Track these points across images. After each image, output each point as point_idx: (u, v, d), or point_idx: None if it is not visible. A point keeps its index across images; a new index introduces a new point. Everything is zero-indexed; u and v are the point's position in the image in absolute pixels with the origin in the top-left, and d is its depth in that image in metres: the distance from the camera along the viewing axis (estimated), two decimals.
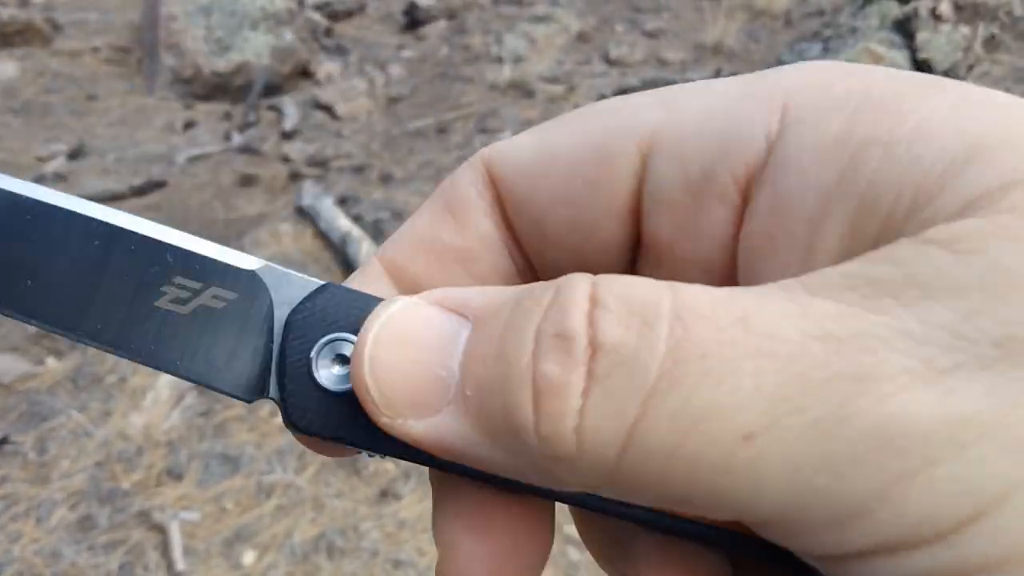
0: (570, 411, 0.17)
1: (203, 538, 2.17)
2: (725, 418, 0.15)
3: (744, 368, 0.15)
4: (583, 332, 0.17)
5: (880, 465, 0.15)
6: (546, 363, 0.17)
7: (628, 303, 0.17)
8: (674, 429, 0.16)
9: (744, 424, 0.15)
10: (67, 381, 2.63)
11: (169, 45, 4.96)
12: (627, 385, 0.16)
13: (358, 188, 3.80)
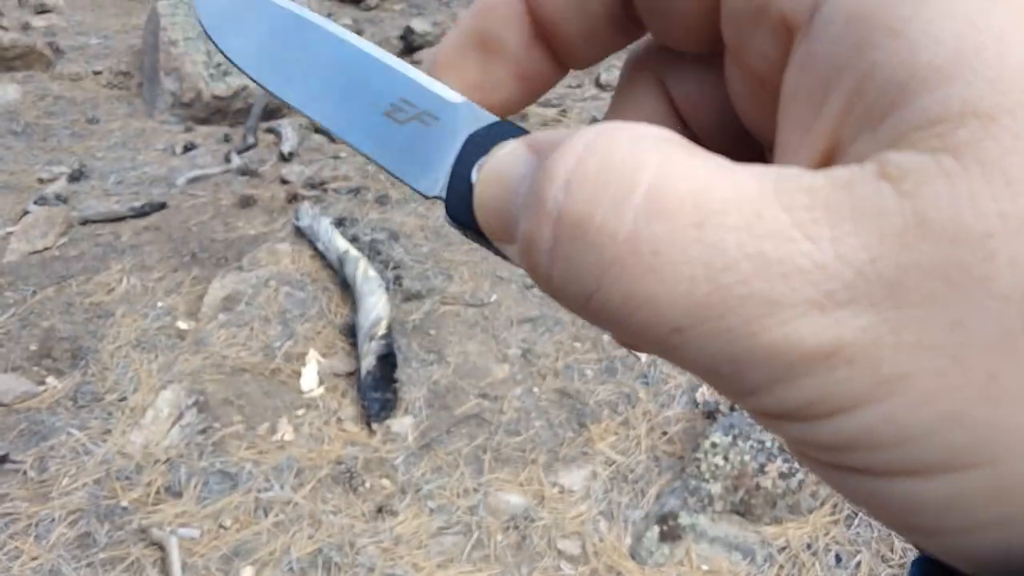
0: (542, 264, 0.20)
1: (202, 555, 2.18)
2: (661, 311, 0.18)
3: (683, 272, 0.17)
4: (553, 199, 0.19)
5: (767, 371, 0.18)
6: (524, 221, 0.20)
7: (607, 175, 0.18)
8: (623, 306, 0.18)
9: (675, 319, 0.18)
10: (67, 400, 2.65)
11: (169, 69, 5.01)
12: (586, 259, 0.18)
13: (355, 209, 3.83)
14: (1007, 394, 0.16)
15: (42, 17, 6.26)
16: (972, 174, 0.16)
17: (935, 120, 0.16)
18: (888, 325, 0.16)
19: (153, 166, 4.35)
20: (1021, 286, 0.15)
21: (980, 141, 0.16)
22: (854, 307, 0.17)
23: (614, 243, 0.18)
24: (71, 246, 3.51)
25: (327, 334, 3.02)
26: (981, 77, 0.16)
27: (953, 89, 0.16)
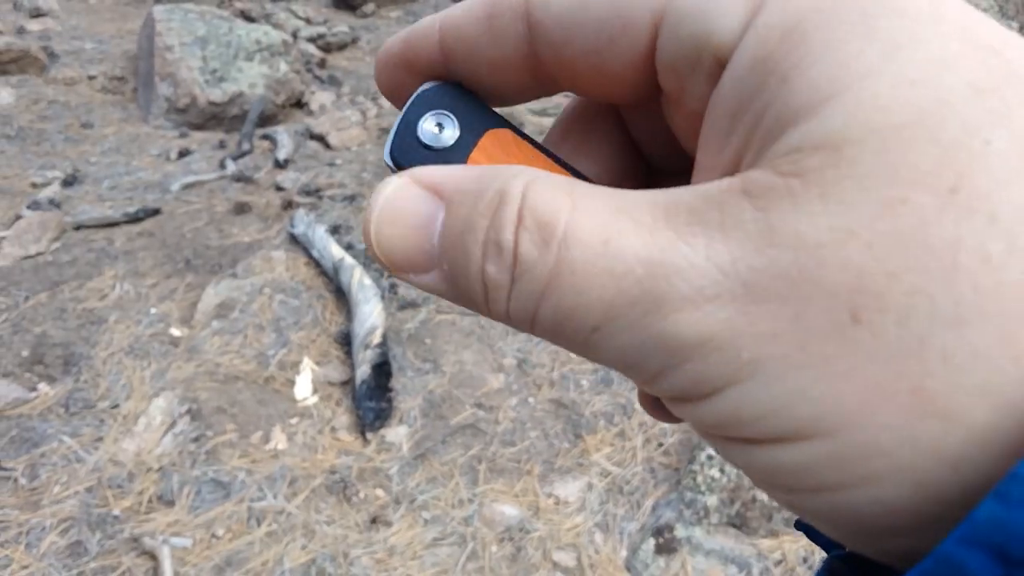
0: (502, 300, 0.24)
1: (194, 564, 2.17)
2: (581, 316, 0.22)
3: (595, 282, 0.22)
4: (510, 245, 0.23)
5: (660, 359, 0.21)
6: (489, 265, 0.24)
7: (537, 222, 0.23)
8: (555, 319, 0.23)
9: (592, 320, 0.22)
10: (59, 407, 2.63)
11: (165, 75, 5.00)
12: (529, 288, 0.23)
13: (350, 217, 3.83)
14: (839, 374, 0.19)
15: (37, 21, 6.24)
16: (811, 195, 0.19)
17: (795, 149, 0.20)
18: (746, 317, 0.20)
19: (147, 172, 4.33)
20: (846, 285, 0.19)
21: (824, 168, 0.19)
22: (719, 302, 0.20)
23: (546, 273, 0.22)
24: (64, 251, 3.49)
25: (321, 342, 3.01)
26: (839, 112, 0.19)
27: (814, 124, 0.20)
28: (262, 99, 5.06)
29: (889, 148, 0.19)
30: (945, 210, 0.18)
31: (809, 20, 0.21)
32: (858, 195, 0.19)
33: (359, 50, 6.72)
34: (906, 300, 0.18)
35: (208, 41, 5.17)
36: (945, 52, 0.19)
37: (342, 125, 4.94)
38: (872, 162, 0.19)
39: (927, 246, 0.18)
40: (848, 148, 0.19)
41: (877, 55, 0.20)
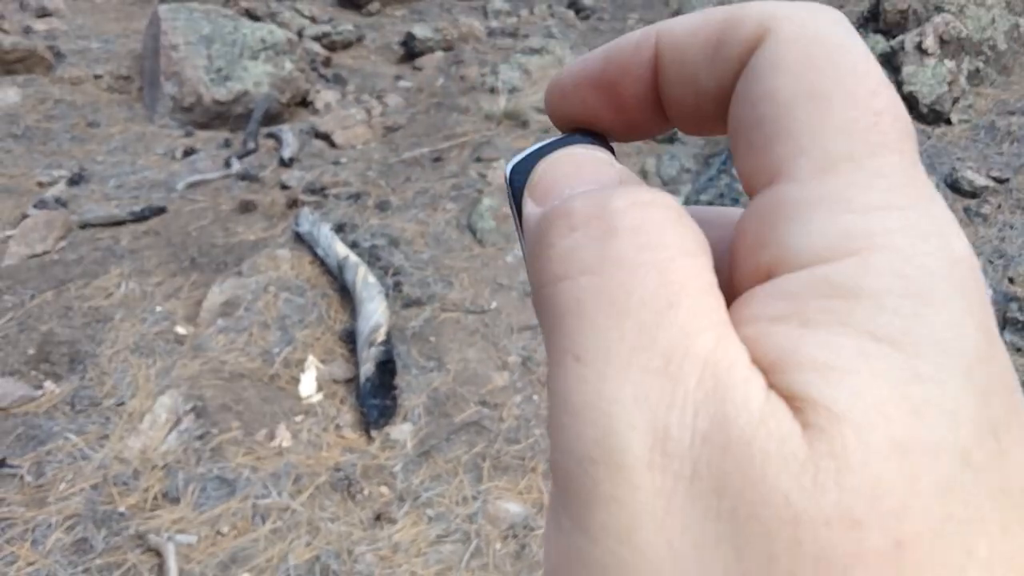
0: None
1: (199, 561, 2.18)
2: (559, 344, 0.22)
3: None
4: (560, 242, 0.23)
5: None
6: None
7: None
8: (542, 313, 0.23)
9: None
10: (64, 405, 2.64)
11: (170, 74, 5.01)
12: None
13: (355, 215, 3.83)
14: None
15: (43, 21, 6.26)
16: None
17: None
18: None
19: (153, 170, 4.35)
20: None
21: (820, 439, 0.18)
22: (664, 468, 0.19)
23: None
24: (70, 250, 3.50)
25: (326, 340, 3.01)
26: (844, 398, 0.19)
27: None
28: (267, 98, 5.07)
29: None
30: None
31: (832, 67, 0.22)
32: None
33: (364, 48, 6.73)
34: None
35: (213, 40, 5.18)
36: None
37: (347, 123, 4.95)
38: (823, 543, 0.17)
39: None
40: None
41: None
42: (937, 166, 3.51)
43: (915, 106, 3.90)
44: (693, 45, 0.25)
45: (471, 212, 3.84)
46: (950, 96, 3.86)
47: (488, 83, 5.51)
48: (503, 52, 6.26)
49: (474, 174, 4.23)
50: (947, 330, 0.19)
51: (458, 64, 6.10)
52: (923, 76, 3.90)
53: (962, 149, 3.65)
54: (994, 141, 3.68)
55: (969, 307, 0.19)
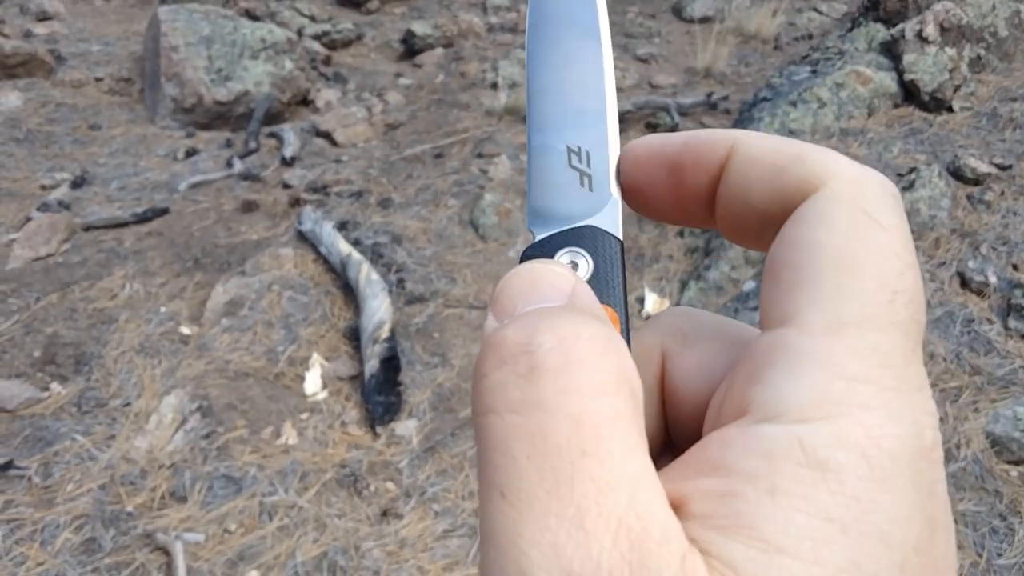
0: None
1: (207, 559, 2.18)
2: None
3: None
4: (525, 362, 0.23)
5: None
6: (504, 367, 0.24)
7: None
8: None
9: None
10: (71, 406, 2.65)
11: (171, 75, 5.02)
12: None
13: (357, 213, 3.84)
14: None
15: (43, 24, 6.27)
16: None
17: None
18: None
19: (155, 172, 4.36)
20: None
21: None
22: None
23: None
24: (74, 252, 3.51)
25: (330, 338, 3.02)
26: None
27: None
28: (268, 97, 5.07)
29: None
30: None
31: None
32: None
33: (364, 47, 6.72)
34: None
35: (213, 40, 5.19)
36: None
37: (348, 122, 4.95)
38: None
39: None
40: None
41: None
42: (939, 154, 3.50)
43: (916, 94, 3.89)
44: (760, 164, 0.27)
45: (473, 208, 3.84)
46: (951, 84, 3.85)
47: (488, 79, 5.51)
48: (503, 48, 6.26)
49: (475, 170, 4.23)
50: (894, 523, 0.20)
51: (458, 60, 6.10)
52: (924, 64, 3.89)
53: (964, 136, 3.64)
54: (996, 128, 3.66)
55: (920, 500, 0.21)
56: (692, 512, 0.22)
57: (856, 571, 0.20)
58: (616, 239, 0.31)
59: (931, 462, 0.22)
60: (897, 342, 0.22)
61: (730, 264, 3.22)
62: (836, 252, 0.23)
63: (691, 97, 5.26)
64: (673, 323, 0.31)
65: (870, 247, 0.23)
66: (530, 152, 0.33)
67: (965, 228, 3.08)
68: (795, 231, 0.25)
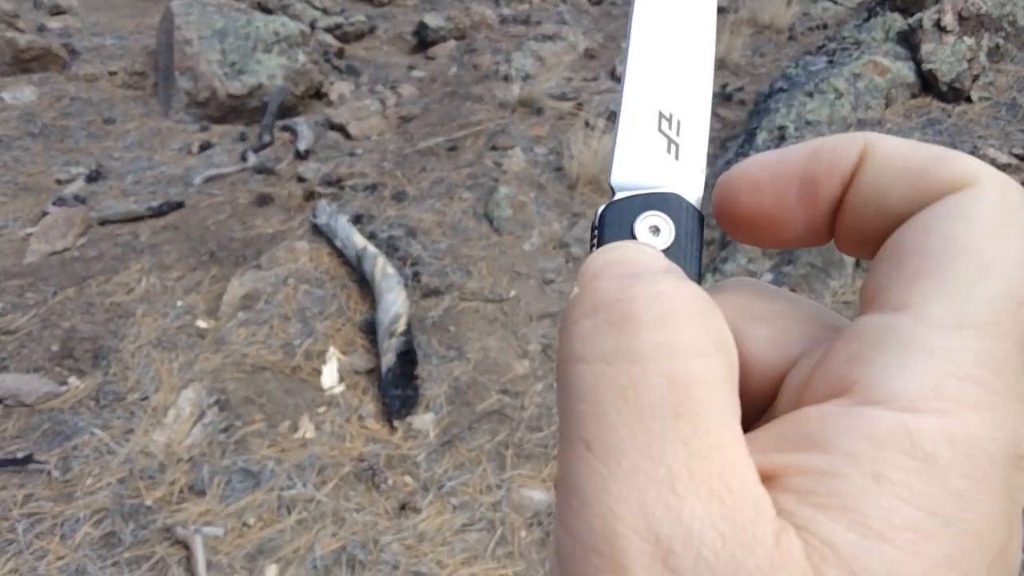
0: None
1: (226, 553, 2.19)
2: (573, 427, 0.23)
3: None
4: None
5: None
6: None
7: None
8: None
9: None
10: (89, 400, 2.66)
11: (184, 69, 5.02)
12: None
13: (372, 206, 3.83)
14: None
15: (57, 19, 6.29)
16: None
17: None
18: None
19: (170, 166, 4.37)
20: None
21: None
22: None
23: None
24: (90, 246, 3.52)
25: (346, 331, 3.02)
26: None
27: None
28: (281, 90, 5.07)
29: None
30: None
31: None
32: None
33: (376, 39, 6.72)
34: None
35: (226, 34, 5.19)
36: None
37: (361, 114, 4.94)
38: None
39: None
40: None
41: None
42: (958, 144, 3.46)
43: (934, 84, 3.85)
44: (900, 164, 0.26)
45: (487, 201, 3.83)
46: (970, 73, 3.81)
47: (501, 71, 5.49)
48: (516, 39, 6.23)
49: (489, 163, 4.22)
50: (988, 525, 0.20)
51: (471, 53, 6.09)
52: (942, 54, 3.85)
53: (983, 127, 3.61)
54: (1015, 118, 3.63)
55: (1009, 506, 0.21)
56: (788, 486, 0.21)
57: (951, 568, 0.20)
58: (698, 211, 0.30)
59: (1021, 469, 0.22)
60: (1013, 351, 0.22)
61: (747, 256, 3.20)
62: (972, 249, 0.23)
63: None
64: (741, 294, 0.30)
65: (1007, 252, 0.23)
66: (620, 111, 0.32)
67: None
68: (932, 220, 0.24)
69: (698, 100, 0.32)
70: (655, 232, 0.29)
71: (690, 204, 0.30)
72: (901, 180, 0.26)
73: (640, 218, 0.29)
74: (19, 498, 2.31)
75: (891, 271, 0.24)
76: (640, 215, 0.30)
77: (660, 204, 0.30)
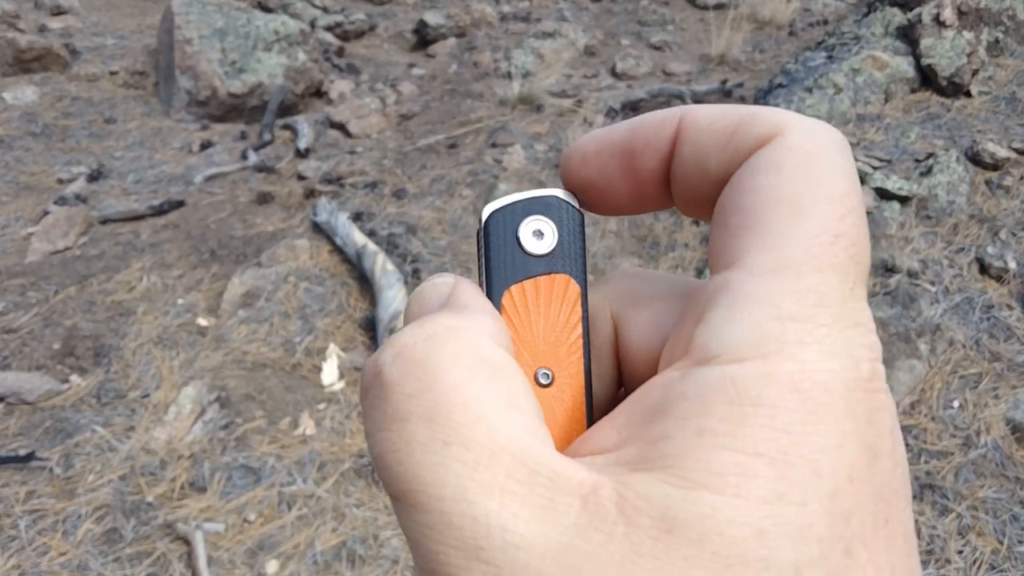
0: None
1: (227, 548, 2.20)
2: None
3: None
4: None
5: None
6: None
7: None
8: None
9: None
10: (91, 397, 2.67)
11: (185, 68, 5.03)
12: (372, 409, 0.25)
13: (372, 204, 3.84)
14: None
15: (58, 19, 6.30)
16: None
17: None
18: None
19: (171, 164, 4.37)
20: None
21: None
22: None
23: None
24: (91, 245, 3.53)
25: (347, 328, 3.03)
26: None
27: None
28: (281, 89, 5.08)
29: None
30: None
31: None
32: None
33: (377, 37, 6.72)
34: None
35: (227, 33, 5.20)
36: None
37: (362, 113, 4.95)
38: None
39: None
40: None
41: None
42: (957, 139, 3.46)
43: (934, 79, 3.85)
44: (712, 130, 0.27)
45: (487, 198, 3.83)
46: (969, 68, 3.81)
47: (502, 68, 5.49)
48: (516, 37, 6.23)
49: (489, 160, 4.22)
50: (824, 452, 0.21)
51: (471, 50, 6.09)
52: (941, 48, 3.85)
53: (982, 121, 3.61)
54: (1015, 112, 3.62)
55: (856, 429, 0.21)
56: (627, 458, 0.22)
57: (780, 502, 0.20)
58: (578, 211, 0.31)
59: (869, 392, 0.22)
60: (835, 283, 0.23)
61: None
62: (781, 195, 0.24)
63: (706, 84, 5.23)
64: (623, 285, 0.31)
65: (815, 191, 0.24)
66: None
67: (984, 213, 3.05)
68: (744, 177, 0.25)
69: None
70: (539, 236, 0.31)
71: (570, 205, 0.31)
72: (715, 144, 0.27)
73: (523, 223, 0.31)
74: (21, 495, 2.32)
75: (719, 231, 0.25)
76: (523, 220, 0.31)
77: (542, 208, 0.31)
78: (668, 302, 0.30)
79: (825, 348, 0.22)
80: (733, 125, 0.27)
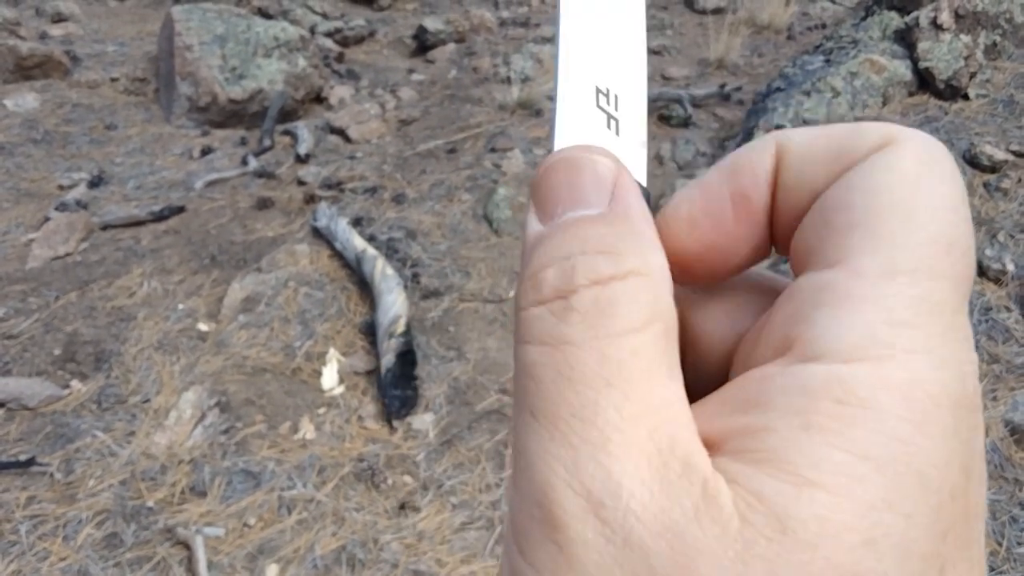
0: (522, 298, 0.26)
1: (227, 553, 2.20)
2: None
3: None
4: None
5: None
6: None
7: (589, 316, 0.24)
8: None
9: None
10: (91, 403, 2.68)
11: (185, 74, 5.05)
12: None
13: (372, 209, 3.85)
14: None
15: (59, 26, 6.32)
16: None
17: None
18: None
19: (171, 170, 4.39)
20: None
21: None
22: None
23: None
24: (92, 251, 3.54)
25: (346, 333, 3.03)
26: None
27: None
28: (281, 95, 5.09)
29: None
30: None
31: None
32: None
33: (376, 43, 6.74)
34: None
35: (227, 39, 5.21)
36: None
37: (361, 118, 4.96)
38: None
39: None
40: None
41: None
42: (955, 142, 3.47)
43: (931, 82, 3.86)
44: (815, 150, 0.26)
45: (487, 202, 3.84)
46: (967, 71, 3.82)
47: (501, 73, 5.51)
48: (515, 42, 6.25)
49: (489, 164, 4.23)
50: (933, 466, 0.20)
51: (470, 55, 6.10)
52: (939, 52, 3.85)
53: (980, 124, 3.61)
54: (1013, 115, 3.63)
55: (959, 447, 0.21)
56: (727, 448, 0.22)
57: (889, 510, 0.20)
58: (643, 186, 0.29)
59: (971, 410, 0.22)
60: (948, 292, 0.22)
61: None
62: (897, 198, 0.23)
63: (704, 88, 5.24)
64: None
65: (931, 197, 0.23)
66: (557, 89, 0.31)
67: (982, 216, 3.06)
68: (856, 176, 0.25)
69: (633, 74, 0.31)
70: None
71: (635, 180, 0.29)
72: (823, 161, 0.26)
73: None
74: (22, 500, 2.33)
75: (820, 229, 0.25)
76: None
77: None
78: (744, 293, 0.29)
79: (935, 359, 0.21)
80: (840, 139, 0.26)
